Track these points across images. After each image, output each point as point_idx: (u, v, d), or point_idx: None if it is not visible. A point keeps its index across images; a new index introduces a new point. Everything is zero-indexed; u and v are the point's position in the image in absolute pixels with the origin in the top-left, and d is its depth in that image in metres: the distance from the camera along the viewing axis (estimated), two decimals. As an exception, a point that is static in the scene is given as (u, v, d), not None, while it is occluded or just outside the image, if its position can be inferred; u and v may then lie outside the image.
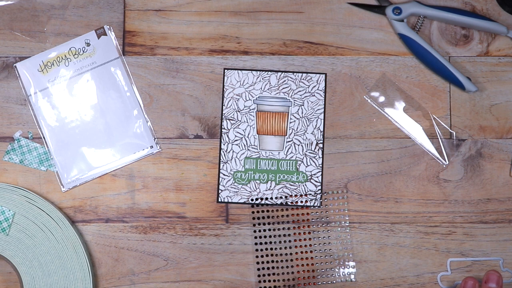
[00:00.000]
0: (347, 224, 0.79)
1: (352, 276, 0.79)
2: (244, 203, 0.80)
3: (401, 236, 0.80)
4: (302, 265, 0.79)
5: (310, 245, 0.79)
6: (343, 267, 0.79)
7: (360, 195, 0.81)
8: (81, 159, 0.80)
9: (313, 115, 0.81)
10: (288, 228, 0.80)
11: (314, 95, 0.82)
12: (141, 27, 0.82)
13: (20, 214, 0.78)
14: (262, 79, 0.82)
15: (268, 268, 0.79)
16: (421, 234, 0.81)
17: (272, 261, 0.79)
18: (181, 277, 0.79)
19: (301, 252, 0.79)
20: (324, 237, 0.79)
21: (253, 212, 0.80)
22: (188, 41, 0.82)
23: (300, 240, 0.79)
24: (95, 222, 0.80)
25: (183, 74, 0.82)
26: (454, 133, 0.82)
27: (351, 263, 0.79)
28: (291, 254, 0.79)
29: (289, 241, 0.79)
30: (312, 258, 0.79)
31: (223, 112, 0.81)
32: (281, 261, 0.79)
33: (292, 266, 0.79)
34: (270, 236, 0.79)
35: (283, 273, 0.79)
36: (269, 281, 0.79)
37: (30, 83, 0.80)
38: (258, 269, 0.79)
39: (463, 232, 0.81)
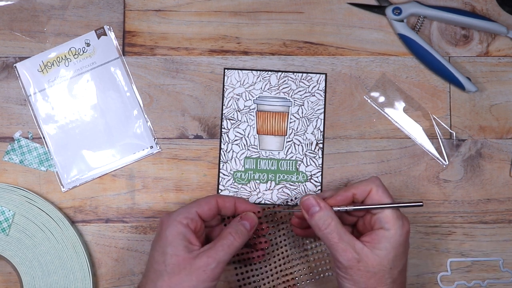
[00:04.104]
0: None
1: (330, 272, 0.78)
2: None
3: (401, 236, 0.80)
4: (280, 265, 0.78)
5: (286, 245, 0.79)
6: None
7: (360, 195, 0.81)
8: (81, 160, 0.80)
9: (313, 115, 0.81)
10: (283, 229, 0.79)
11: (314, 95, 0.82)
12: (141, 27, 0.82)
13: (20, 214, 0.78)
14: (262, 79, 0.82)
15: (248, 271, 0.78)
16: (421, 234, 0.81)
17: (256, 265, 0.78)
18: (181, 277, 0.79)
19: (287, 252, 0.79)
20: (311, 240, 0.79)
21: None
22: (188, 41, 0.82)
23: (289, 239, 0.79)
24: (95, 222, 0.80)
25: (183, 74, 0.82)
26: (454, 133, 0.82)
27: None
28: (285, 252, 0.79)
29: (284, 240, 0.79)
30: (290, 260, 0.78)
31: (223, 112, 0.81)
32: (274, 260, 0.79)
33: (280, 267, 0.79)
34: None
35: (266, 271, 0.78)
36: (246, 271, 0.77)
37: (30, 83, 0.81)
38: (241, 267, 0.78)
39: (463, 232, 0.81)
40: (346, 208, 0.70)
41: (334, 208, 0.70)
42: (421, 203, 0.70)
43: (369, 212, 0.70)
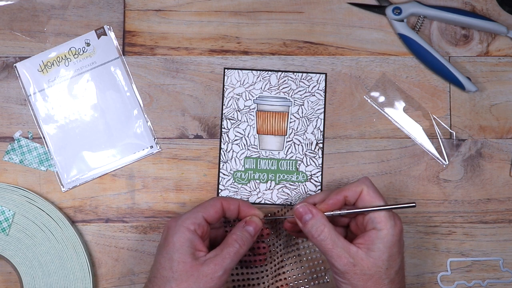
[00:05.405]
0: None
1: (326, 277, 0.77)
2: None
3: (401, 236, 0.80)
4: (277, 270, 0.78)
5: (283, 249, 0.78)
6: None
7: (360, 195, 0.80)
8: (81, 159, 0.80)
9: (313, 115, 0.81)
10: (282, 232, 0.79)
11: (314, 95, 0.82)
12: (141, 27, 0.82)
13: (20, 214, 0.78)
14: (262, 78, 0.82)
15: (245, 269, 0.78)
16: (421, 234, 0.81)
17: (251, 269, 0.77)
18: (181, 277, 0.79)
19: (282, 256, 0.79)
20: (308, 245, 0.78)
21: None
22: (188, 41, 0.82)
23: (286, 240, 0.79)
24: (95, 222, 0.80)
25: (183, 74, 0.82)
26: (454, 133, 0.82)
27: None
28: (280, 256, 0.78)
29: (280, 245, 0.78)
30: (287, 263, 0.78)
31: (223, 112, 0.81)
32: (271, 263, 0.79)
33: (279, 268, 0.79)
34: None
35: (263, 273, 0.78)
36: (242, 273, 0.77)
37: (30, 83, 0.81)
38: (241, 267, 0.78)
39: (463, 232, 0.81)
40: (339, 212, 0.71)
41: (326, 214, 0.70)
42: (414, 204, 0.70)
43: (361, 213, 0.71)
